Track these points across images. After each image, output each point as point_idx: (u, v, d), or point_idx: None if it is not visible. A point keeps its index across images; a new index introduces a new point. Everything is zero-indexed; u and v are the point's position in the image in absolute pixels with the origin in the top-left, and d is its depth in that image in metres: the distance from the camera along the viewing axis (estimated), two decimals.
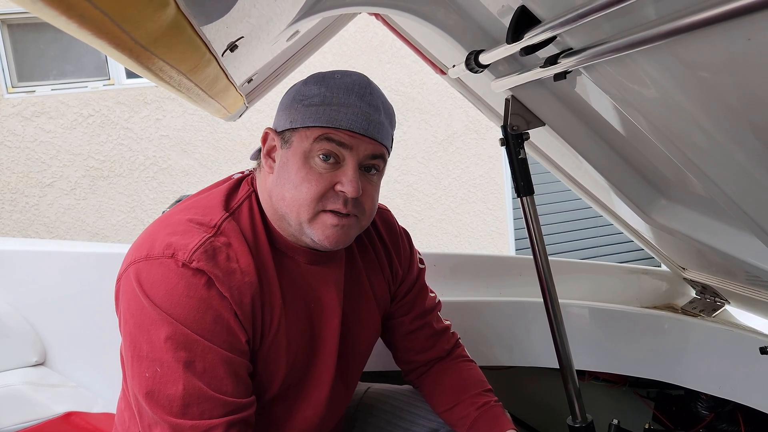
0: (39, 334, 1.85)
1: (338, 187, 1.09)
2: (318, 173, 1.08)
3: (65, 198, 5.09)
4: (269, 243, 1.15)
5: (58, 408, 1.70)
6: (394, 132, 1.21)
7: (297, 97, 1.11)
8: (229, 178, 1.23)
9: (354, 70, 1.19)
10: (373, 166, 1.14)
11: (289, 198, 1.10)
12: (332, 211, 1.10)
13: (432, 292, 1.47)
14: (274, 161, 1.14)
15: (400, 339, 1.43)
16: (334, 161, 1.09)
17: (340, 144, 1.08)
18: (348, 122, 1.08)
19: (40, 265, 1.88)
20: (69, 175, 5.08)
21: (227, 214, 1.11)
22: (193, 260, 1.02)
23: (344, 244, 1.15)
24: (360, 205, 1.12)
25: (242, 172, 1.24)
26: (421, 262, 1.45)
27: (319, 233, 1.11)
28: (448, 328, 1.47)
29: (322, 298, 1.21)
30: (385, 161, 1.17)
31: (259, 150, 1.20)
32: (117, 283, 1.10)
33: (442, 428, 1.43)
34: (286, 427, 1.22)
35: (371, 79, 1.21)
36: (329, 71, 1.15)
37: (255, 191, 1.18)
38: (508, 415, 1.35)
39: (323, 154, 1.08)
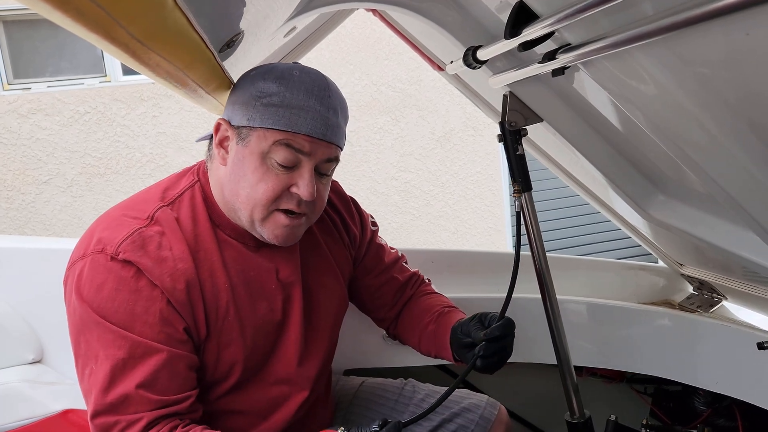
0: (35, 331, 1.85)
1: (293, 189, 1.12)
2: (275, 174, 1.10)
3: (62, 195, 5.08)
4: (215, 229, 1.16)
5: (55, 405, 1.69)
6: (347, 127, 1.23)
7: (255, 93, 1.10)
8: (172, 175, 1.26)
9: (315, 65, 1.20)
10: (327, 168, 1.17)
11: (244, 196, 1.12)
12: (285, 211, 1.13)
13: (393, 248, 1.51)
14: (227, 152, 1.14)
15: (370, 299, 1.47)
16: (291, 164, 1.11)
17: (299, 150, 1.10)
18: (308, 127, 1.09)
19: (37, 263, 1.88)
20: (65, 173, 5.06)
21: (162, 204, 1.14)
22: (120, 252, 1.04)
23: (292, 242, 1.19)
24: (312, 205, 1.16)
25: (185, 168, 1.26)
26: (374, 224, 1.49)
27: (269, 232, 1.15)
28: (413, 275, 1.51)
29: (280, 275, 1.23)
30: (338, 161, 1.20)
31: (211, 136, 1.20)
32: (63, 284, 1.13)
33: (433, 414, 1.45)
34: (259, 408, 1.23)
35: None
36: (287, 66, 1.14)
37: (200, 181, 1.19)
38: (461, 313, 1.38)
39: (282, 160, 1.09)
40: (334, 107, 1.14)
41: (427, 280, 1.55)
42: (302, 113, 1.09)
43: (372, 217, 1.50)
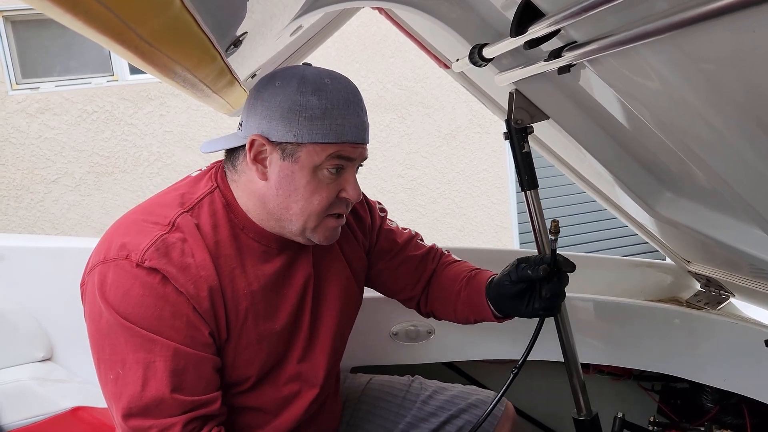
0: (45, 330, 1.86)
1: (342, 194, 1.17)
2: (326, 184, 1.15)
3: (70, 194, 5.11)
4: (236, 235, 1.17)
5: (65, 403, 1.70)
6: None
7: (294, 108, 1.10)
8: (187, 177, 1.25)
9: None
10: (360, 165, 1.22)
11: (298, 209, 1.15)
12: (334, 215, 1.18)
13: (405, 229, 1.52)
14: (265, 167, 1.14)
15: (391, 281, 1.48)
16: (338, 171, 1.15)
17: (347, 158, 1.14)
18: (353, 135, 1.13)
19: (47, 262, 1.89)
20: (74, 172, 5.09)
21: (182, 210, 1.13)
22: (146, 259, 1.05)
23: (335, 240, 1.24)
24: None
25: (200, 170, 1.26)
26: (382, 210, 1.50)
27: (321, 236, 1.19)
28: (430, 249, 1.51)
29: (297, 277, 1.24)
30: None
31: (237, 149, 1.18)
32: (81, 287, 1.13)
33: (440, 411, 1.48)
34: (270, 406, 1.24)
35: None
36: (316, 75, 1.14)
37: (219, 187, 1.19)
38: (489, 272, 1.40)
39: (334, 168, 1.14)
40: (365, 109, 1.18)
41: (446, 252, 1.54)
42: (346, 122, 1.12)
43: (380, 203, 1.51)
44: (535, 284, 1.26)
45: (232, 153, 1.20)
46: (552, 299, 1.25)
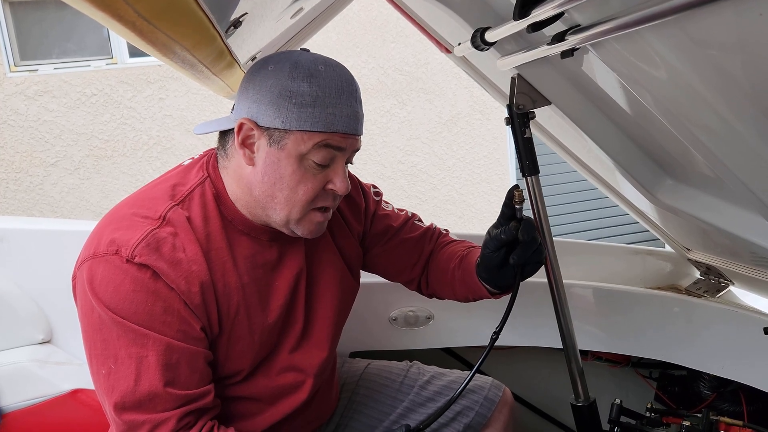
0: (45, 312, 1.86)
1: (330, 186, 1.14)
2: (312, 175, 1.12)
3: (69, 177, 5.09)
4: (227, 227, 1.16)
5: (64, 385, 1.71)
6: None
7: (284, 94, 1.08)
8: (179, 166, 1.23)
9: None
10: (352, 158, 1.19)
11: (283, 198, 1.12)
12: (320, 208, 1.16)
13: (401, 210, 1.50)
14: (253, 152, 1.12)
15: (389, 265, 1.47)
16: (327, 162, 1.13)
17: (336, 148, 1.11)
18: (343, 125, 1.10)
19: (45, 244, 1.89)
20: (73, 155, 5.07)
21: (173, 203, 1.12)
22: (136, 255, 1.04)
23: (321, 233, 1.21)
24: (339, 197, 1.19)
25: (192, 158, 1.24)
26: (377, 194, 1.48)
27: (305, 229, 1.16)
28: (427, 230, 1.49)
29: (288, 268, 1.23)
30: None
31: (228, 132, 1.17)
32: (72, 281, 1.12)
33: (437, 396, 1.48)
34: (265, 396, 1.24)
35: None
36: (309, 59, 1.11)
37: (210, 177, 1.18)
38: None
39: (321, 159, 1.11)
40: (359, 99, 1.15)
41: (444, 231, 1.52)
42: (337, 111, 1.09)
43: (375, 187, 1.49)
44: (514, 246, 1.23)
45: (224, 136, 1.19)
46: (527, 251, 1.21)
